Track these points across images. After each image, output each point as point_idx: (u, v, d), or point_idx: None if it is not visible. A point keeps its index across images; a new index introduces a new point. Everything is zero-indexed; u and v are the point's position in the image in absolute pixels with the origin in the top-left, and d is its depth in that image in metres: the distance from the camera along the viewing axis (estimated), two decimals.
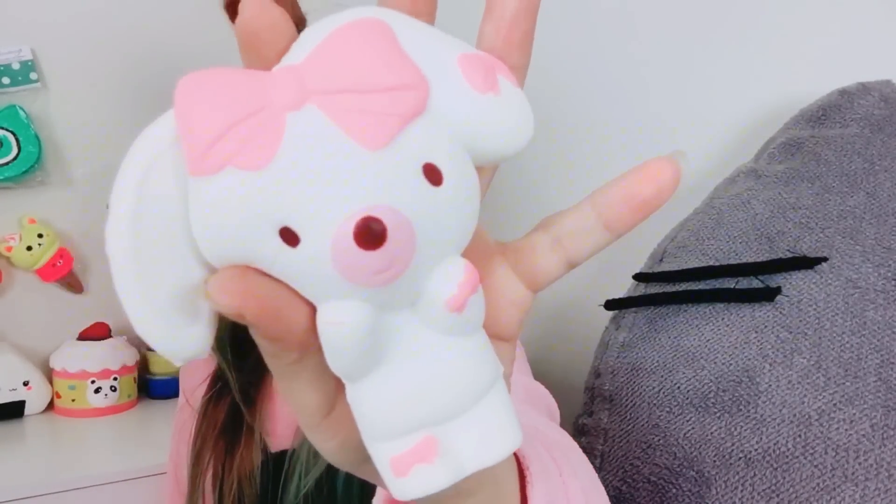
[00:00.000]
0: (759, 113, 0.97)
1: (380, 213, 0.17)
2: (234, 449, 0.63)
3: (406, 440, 0.20)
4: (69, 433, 1.08)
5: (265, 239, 0.18)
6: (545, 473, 0.30)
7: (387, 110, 0.17)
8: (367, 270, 0.18)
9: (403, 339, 0.20)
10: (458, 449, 0.20)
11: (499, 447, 0.20)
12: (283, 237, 0.18)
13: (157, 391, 1.21)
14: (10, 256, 1.16)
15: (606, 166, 1.10)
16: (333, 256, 0.17)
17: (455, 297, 0.19)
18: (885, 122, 0.79)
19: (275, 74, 0.18)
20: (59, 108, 1.22)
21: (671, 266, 0.79)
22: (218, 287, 0.18)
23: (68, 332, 1.19)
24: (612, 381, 0.76)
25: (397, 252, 0.18)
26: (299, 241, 0.18)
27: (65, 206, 1.24)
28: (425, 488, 0.20)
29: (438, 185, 0.18)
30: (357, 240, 0.17)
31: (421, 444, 0.20)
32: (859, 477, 0.57)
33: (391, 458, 0.20)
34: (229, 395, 0.65)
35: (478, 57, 0.19)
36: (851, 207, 0.71)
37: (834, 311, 0.65)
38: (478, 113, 0.19)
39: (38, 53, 1.19)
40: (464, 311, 0.19)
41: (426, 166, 0.18)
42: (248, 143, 0.17)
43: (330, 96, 0.17)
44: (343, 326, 0.18)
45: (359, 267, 0.17)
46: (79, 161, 1.24)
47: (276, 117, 0.17)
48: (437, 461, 0.20)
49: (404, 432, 0.20)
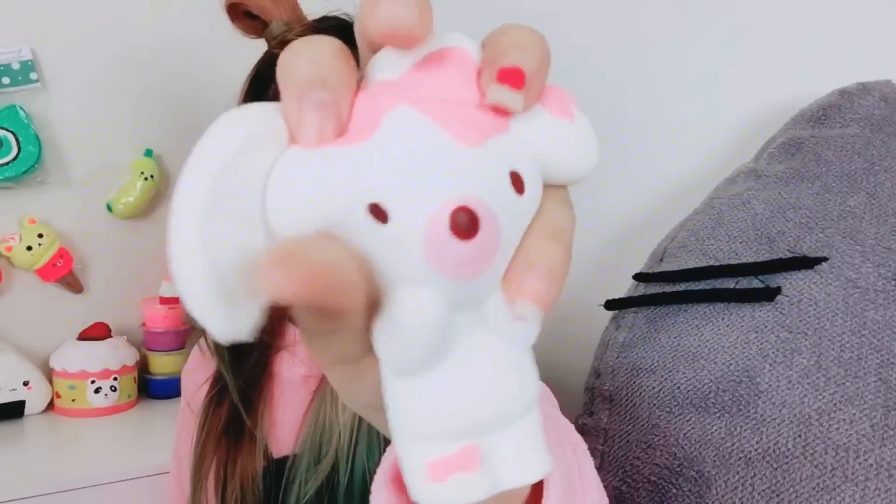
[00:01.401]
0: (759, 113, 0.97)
1: (475, 206, 0.17)
2: (236, 453, 0.63)
3: (449, 445, 0.19)
4: (69, 433, 1.08)
5: (353, 212, 0.18)
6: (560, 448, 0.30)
7: (476, 119, 0.18)
8: (455, 260, 0.18)
9: (466, 341, 0.19)
10: (496, 462, 0.20)
11: (534, 467, 0.20)
12: (373, 213, 0.18)
13: (157, 391, 1.21)
14: (10, 256, 1.16)
15: (606, 166, 1.10)
16: (426, 241, 0.17)
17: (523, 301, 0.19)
18: (885, 122, 0.79)
19: (372, 86, 0.19)
20: (59, 108, 1.22)
21: (671, 266, 0.79)
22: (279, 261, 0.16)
23: (68, 332, 1.19)
24: (612, 381, 0.76)
25: (485, 247, 0.18)
26: (388, 220, 0.17)
27: (65, 206, 1.24)
28: (461, 498, 0.19)
29: (521, 193, 0.19)
30: (452, 227, 0.17)
31: (464, 451, 0.19)
32: (859, 477, 0.57)
33: (429, 461, 0.19)
34: (230, 396, 0.65)
35: (552, 87, 0.20)
36: (851, 207, 0.71)
37: (834, 311, 0.65)
38: (553, 136, 0.20)
39: (38, 53, 1.19)
40: (528, 320, 0.19)
41: (513, 173, 0.19)
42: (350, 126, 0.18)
43: (423, 102, 0.18)
44: (424, 313, 0.18)
45: (448, 255, 0.17)
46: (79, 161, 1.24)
47: (375, 112, 0.18)
48: (478, 472, 0.19)
49: (450, 437, 0.19)
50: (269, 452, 0.63)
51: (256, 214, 0.18)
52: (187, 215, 0.17)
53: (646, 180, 1.07)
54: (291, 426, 0.63)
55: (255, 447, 0.62)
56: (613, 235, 1.10)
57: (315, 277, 0.16)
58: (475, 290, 0.19)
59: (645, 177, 1.07)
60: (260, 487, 0.61)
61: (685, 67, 1.03)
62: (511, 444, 0.20)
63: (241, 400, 0.63)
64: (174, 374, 1.20)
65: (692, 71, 1.03)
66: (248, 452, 0.62)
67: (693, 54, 1.03)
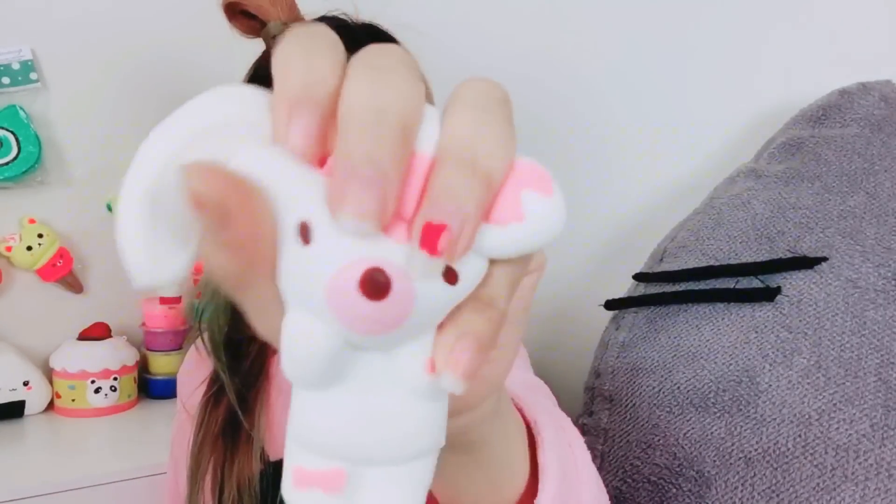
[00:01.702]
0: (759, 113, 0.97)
1: (393, 272, 0.17)
2: (233, 454, 0.63)
3: (319, 460, 0.20)
4: (69, 433, 1.08)
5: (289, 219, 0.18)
6: (557, 442, 0.30)
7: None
8: (354, 313, 0.18)
9: (366, 376, 0.20)
10: (358, 493, 0.20)
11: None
12: (301, 231, 0.18)
13: (157, 391, 1.22)
14: (10, 256, 1.16)
15: (606, 166, 1.10)
16: (330, 284, 0.17)
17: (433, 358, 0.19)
18: (885, 122, 0.79)
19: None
20: (59, 108, 1.22)
21: (671, 266, 0.79)
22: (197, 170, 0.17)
23: (68, 332, 1.19)
24: (612, 381, 0.76)
25: (390, 314, 0.18)
26: (309, 244, 0.18)
27: (65, 206, 1.24)
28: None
29: (453, 284, 0.19)
30: (362, 283, 0.17)
31: (329, 472, 0.20)
32: (859, 477, 0.57)
33: (297, 466, 0.20)
34: (227, 398, 0.65)
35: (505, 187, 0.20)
36: (851, 207, 0.71)
37: (834, 311, 0.65)
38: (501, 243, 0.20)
39: (38, 53, 1.19)
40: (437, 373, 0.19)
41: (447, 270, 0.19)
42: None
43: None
44: (305, 343, 0.18)
45: (349, 306, 0.17)
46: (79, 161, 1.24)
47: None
48: (335, 496, 0.20)
49: (322, 454, 0.20)
50: (265, 455, 0.62)
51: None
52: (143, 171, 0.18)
53: (646, 180, 1.07)
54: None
55: (252, 449, 0.62)
56: (613, 235, 1.10)
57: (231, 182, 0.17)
58: (378, 342, 0.19)
59: (645, 177, 1.07)
60: (257, 490, 0.61)
61: (685, 67, 1.03)
62: (384, 483, 0.20)
63: (237, 401, 0.63)
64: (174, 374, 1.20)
65: (692, 71, 1.03)
66: (245, 454, 0.62)
67: (693, 54, 1.03)
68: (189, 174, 0.17)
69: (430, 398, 0.20)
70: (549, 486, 0.28)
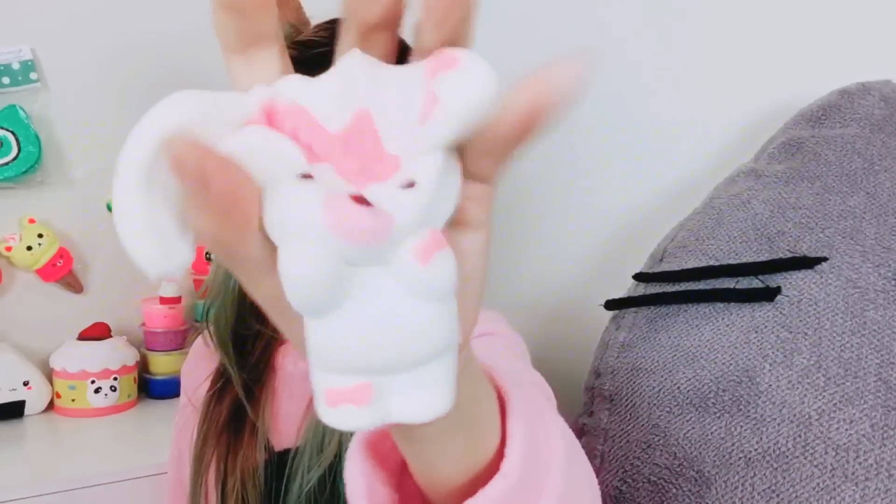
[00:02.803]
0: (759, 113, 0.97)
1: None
2: (236, 447, 0.63)
3: (344, 379, 0.21)
4: (69, 433, 1.08)
5: (288, 174, 0.20)
6: (525, 409, 0.30)
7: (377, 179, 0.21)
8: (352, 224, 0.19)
9: (368, 289, 0.21)
10: (389, 400, 0.22)
11: (427, 410, 0.22)
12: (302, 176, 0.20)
13: (157, 391, 1.21)
14: (10, 256, 1.16)
15: (606, 166, 1.10)
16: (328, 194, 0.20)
17: (418, 246, 0.20)
18: (885, 122, 0.79)
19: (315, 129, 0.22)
20: (59, 108, 1.22)
21: (671, 266, 0.79)
22: (177, 139, 0.19)
23: (68, 332, 1.19)
24: (612, 381, 0.76)
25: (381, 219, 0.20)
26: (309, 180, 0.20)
27: (65, 206, 1.24)
28: (346, 425, 0.21)
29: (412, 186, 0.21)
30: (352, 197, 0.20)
31: (357, 387, 0.21)
32: (859, 477, 0.57)
33: (327, 388, 0.21)
34: (232, 392, 0.66)
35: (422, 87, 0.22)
36: (851, 207, 0.71)
37: (834, 311, 0.65)
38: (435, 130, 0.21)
39: (38, 53, 1.19)
40: (429, 264, 0.20)
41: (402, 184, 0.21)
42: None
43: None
44: (305, 263, 0.20)
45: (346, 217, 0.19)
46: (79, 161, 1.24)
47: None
48: (365, 407, 0.21)
49: (345, 372, 0.21)
50: (270, 445, 0.63)
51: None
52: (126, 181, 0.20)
53: (646, 180, 1.06)
54: (294, 419, 0.64)
55: (257, 440, 0.63)
56: (613, 235, 1.10)
57: (207, 149, 0.19)
58: (371, 255, 0.20)
59: (645, 177, 1.07)
60: (261, 480, 0.62)
61: (685, 68, 1.03)
62: (409, 386, 0.22)
63: (244, 394, 0.64)
64: (174, 374, 1.20)
65: (692, 71, 1.03)
66: (250, 445, 0.63)
67: (693, 54, 1.02)
68: (170, 144, 0.19)
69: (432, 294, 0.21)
70: (515, 451, 0.28)
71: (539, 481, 0.30)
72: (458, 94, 0.21)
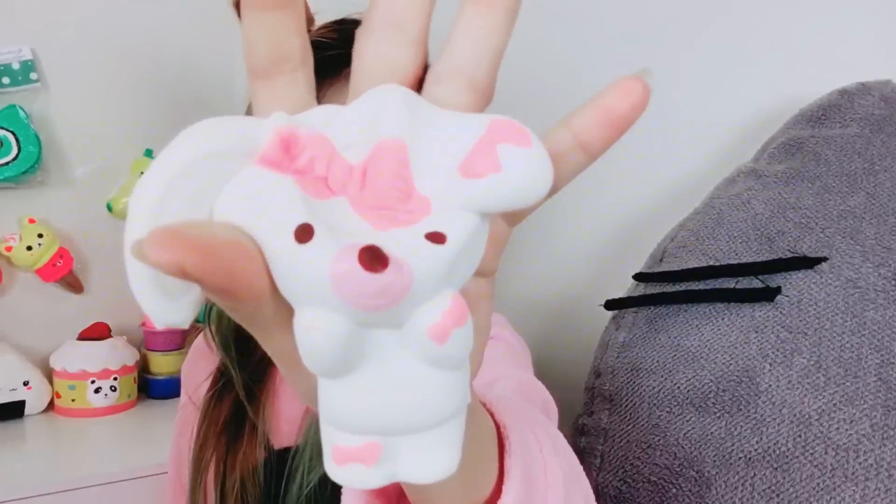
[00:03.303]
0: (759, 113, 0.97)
1: (385, 248, 0.19)
2: (236, 446, 0.63)
3: (353, 438, 0.21)
4: (69, 433, 1.08)
5: (284, 224, 0.19)
6: (524, 446, 0.30)
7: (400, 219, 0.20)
8: (358, 290, 0.19)
9: (381, 354, 0.20)
10: (397, 460, 0.22)
11: (433, 472, 0.22)
12: (298, 232, 0.19)
13: (157, 391, 1.22)
14: (10, 256, 1.16)
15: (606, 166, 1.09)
16: (332, 268, 0.19)
17: (437, 325, 0.19)
18: (885, 122, 0.79)
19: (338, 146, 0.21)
20: (59, 108, 1.22)
21: (671, 266, 0.79)
22: (153, 241, 0.17)
23: (68, 332, 1.19)
24: (612, 381, 0.76)
25: (393, 283, 0.19)
26: (309, 241, 0.19)
27: (65, 206, 1.24)
28: (353, 483, 0.21)
29: (442, 243, 0.20)
30: (361, 255, 0.18)
31: (365, 447, 0.21)
32: (859, 477, 0.57)
33: (335, 445, 0.22)
34: (232, 392, 0.66)
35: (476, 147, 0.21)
36: (851, 207, 0.71)
37: (834, 311, 0.65)
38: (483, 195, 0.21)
39: (38, 53, 1.19)
40: (445, 343, 0.20)
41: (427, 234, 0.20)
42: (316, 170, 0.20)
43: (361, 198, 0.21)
44: (318, 332, 0.19)
45: (353, 283, 0.18)
46: (79, 161, 1.24)
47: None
48: (374, 466, 0.21)
49: (354, 432, 0.21)
50: (270, 444, 0.63)
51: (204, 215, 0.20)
52: (136, 218, 0.19)
53: (646, 180, 1.07)
54: (295, 418, 0.64)
55: (256, 439, 0.63)
56: (613, 235, 1.10)
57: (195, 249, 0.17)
58: (387, 317, 0.20)
59: (645, 177, 1.07)
60: (260, 479, 0.62)
61: (685, 67, 1.03)
62: (418, 447, 0.22)
63: (245, 393, 0.64)
64: (174, 374, 1.20)
65: (692, 71, 1.03)
66: (250, 444, 0.63)
67: (693, 54, 1.03)
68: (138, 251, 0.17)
69: (444, 365, 0.21)
70: (512, 489, 0.29)
71: None
72: (522, 175, 0.21)
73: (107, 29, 1.23)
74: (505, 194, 0.21)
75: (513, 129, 0.21)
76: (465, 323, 0.20)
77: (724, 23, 1.00)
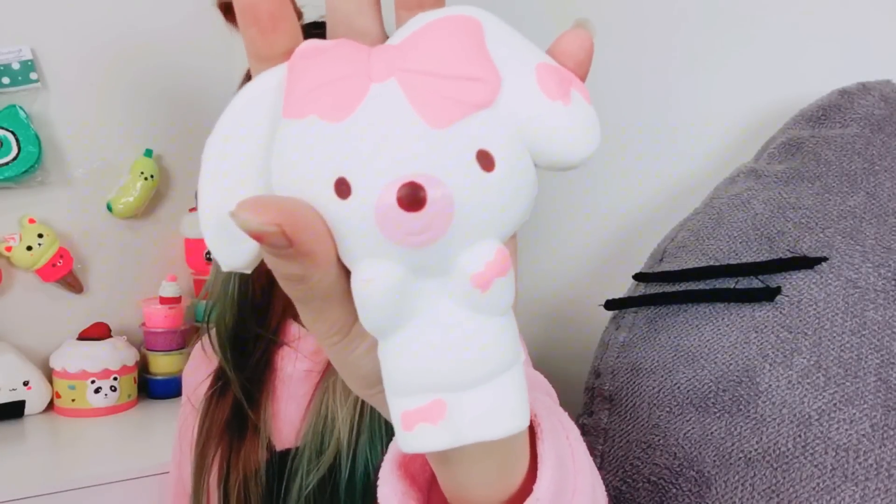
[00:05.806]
0: (759, 113, 0.97)
1: (423, 181, 0.19)
2: (238, 446, 0.63)
3: (418, 399, 0.22)
4: (69, 433, 1.08)
5: (322, 187, 0.20)
6: (554, 433, 0.31)
7: (456, 96, 0.20)
8: (403, 229, 0.19)
9: (433, 306, 0.21)
10: (463, 418, 0.22)
11: (501, 426, 0.22)
12: (337, 189, 0.20)
13: (157, 391, 1.22)
14: (10, 256, 1.16)
15: (606, 166, 1.10)
16: (376, 211, 0.19)
17: (481, 274, 0.20)
18: (885, 122, 0.79)
19: (374, 49, 0.21)
20: (59, 108, 1.22)
21: (671, 266, 0.79)
22: (251, 205, 0.19)
23: (68, 332, 1.19)
24: (612, 381, 0.76)
25: (434, 219, 0.19)
26: (350, 194, 0.20)
27: (65, 206, 1.24)
28: (424, 446, 0.22)
29: (490, 170, 0.20)
30: (399, 200, 0.19)
31: (430, 405, 0.21)
32: (859, 477, 0.57)
33: (402, 412, 0.22)
34: (232, 392, 0.66)
35: (555, 68, 0.21)
36: (851, 207, 0.71)
37: (834, 311, 0.65)
38: (543, 116, 0.21)
39: (38, 53, 1.19)
40: (488, 291, 0.20)
41: (480, 152, 0.20)
42: (334, 100, 0.20)
43: (412, 74, 0.20)
44: (376, 283, 0.20)
45: (396, 225, 0.19)
46: (79, 161, 1.24)
47: (363, 84, 0.20)
48: (441, 424, 0.21)
49: (418, 392, 0.21)
50: (272, 445, 0.63)
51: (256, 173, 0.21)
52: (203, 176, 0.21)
53: (646, 180, 1.07)
54: (294, 420, 0.64)
55: (258, 440, 0.63)
56: (613, 235, 1.10)
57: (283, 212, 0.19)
58: (434, 256, 0.20)
59: (645, 177, 1.07)
60: (263, 479, 0.62)
61: (685, 67, 1.03)
62: (482, 402, 0.22)
63: (243, 395, 0.64)
64: (174, 374, 1.20)
65: (692, 71, 1.03)
66: (251, 445, 0.63)
67: (693, 54, 1.03)
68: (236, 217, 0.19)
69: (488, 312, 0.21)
70: (546, 474, 0.29)
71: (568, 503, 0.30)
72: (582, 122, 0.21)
73: (107, 29, 1.23)
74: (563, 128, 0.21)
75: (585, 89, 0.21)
76: (507, 273, 0.21)
77: (725, 23, 1.00)
